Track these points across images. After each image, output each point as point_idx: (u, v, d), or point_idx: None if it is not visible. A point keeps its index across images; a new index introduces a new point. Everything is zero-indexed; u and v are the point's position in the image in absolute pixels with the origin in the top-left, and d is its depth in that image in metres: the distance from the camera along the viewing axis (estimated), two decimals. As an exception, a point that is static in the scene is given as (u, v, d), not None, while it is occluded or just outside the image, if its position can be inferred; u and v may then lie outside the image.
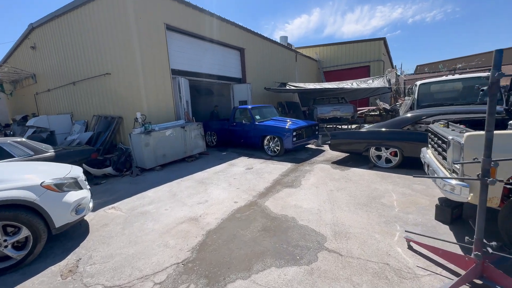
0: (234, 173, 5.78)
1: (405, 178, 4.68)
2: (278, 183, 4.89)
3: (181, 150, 6.96)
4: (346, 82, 10.73)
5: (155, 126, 6.61)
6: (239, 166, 6.40)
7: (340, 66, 19.56)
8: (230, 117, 8.52)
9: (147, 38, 7.06)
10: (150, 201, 4.30)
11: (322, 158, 6.75)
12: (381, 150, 5.50)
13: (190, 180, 5.37)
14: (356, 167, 5.62)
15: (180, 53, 8.47)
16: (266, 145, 7.52)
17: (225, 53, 10.67)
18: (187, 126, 7.08)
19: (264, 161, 6.76)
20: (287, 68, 15.42)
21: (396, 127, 5.30)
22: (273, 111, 8.97)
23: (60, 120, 9.97)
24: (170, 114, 7.81)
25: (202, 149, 7.63)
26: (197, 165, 6.68)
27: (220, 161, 6.98)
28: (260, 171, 5.82)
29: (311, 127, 7.72)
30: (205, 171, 6.04)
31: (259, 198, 4.12)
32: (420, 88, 7.24)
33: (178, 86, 8.10)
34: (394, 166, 5.32)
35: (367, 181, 4.67)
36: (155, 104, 7.31)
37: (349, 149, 6.04)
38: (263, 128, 7.48)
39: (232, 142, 8.63)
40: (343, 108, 9.74)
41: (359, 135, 5.76)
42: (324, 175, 5.19)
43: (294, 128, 6.91)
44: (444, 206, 2.90)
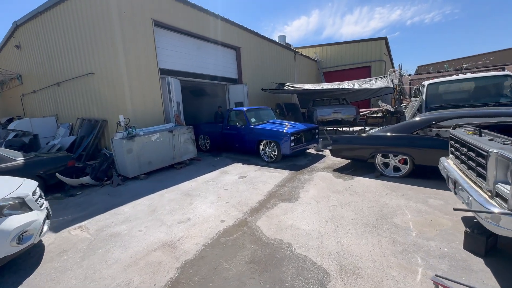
0: (225, 182, 5.20)
1: (417, 190, 4.11)
2: (274, 195, 4.31)
3: (169, 156, 6.38)
4: (347, 83, 10.18)
5: (139, 130, 6.04)
6: (231, 174, 5.83)
7: (340, 66, 19.04)
8: (224, 120, 7.95)
9: (132, 35, 6.50)
10: (125, 218, 3.72)
11: (323, 165, 6.18)
12: (389, 157, 4.93)
13: (176, 192, 4.80)
14: (361, 176, 5.05)
15: (170, 52, 7.91)
16: (262, 150, 6.95)
17: (220, 52, 10.12)
18: (176, 130, 6.51)
19: (260, 168, 6.19)
20: (286, 68, 14.88)
21: (406, 132, 4.73)
22: (270, 113, 8.41)
23: (44, 123, 9.40)
24: (159, 117, 7.25)
25: (193, 155, 7.05)
26: (186, 173, 6.11)
27: (211, 168, 6.40)
28: (254, 180, 5.24)
29: (311, 131, 7.16)
30: (193, 180, 5.47)
31: (251, 216, 3.55)
32: (429, 88, 6.68)
33: (168, 86, 7.54)
34: (403, 176, 4.75)
35: (375, 193, 4.09)
36: (141, 106, 6.74)
37: (352, 155, 5.47)
38: (258, 131, 6.92)
39: (226, 146, 8.06)
40: (345, 110, 9.19)
41: (364, 140, 5.20)
42: (325, 186, 4.61)
43: (292, 132, 6.34)
44: (477, 233, 2.33)
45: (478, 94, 6.42)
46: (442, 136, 5.41)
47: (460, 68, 10.26)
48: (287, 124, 7.08)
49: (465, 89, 6.74)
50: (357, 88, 9.67)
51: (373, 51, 17.74)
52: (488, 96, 6.24)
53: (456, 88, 6.72)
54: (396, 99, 11.93)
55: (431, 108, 6.51)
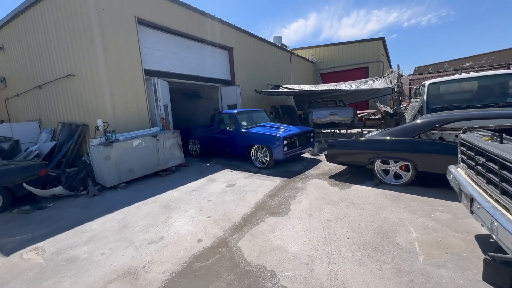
0: (211, 192, 4.75)
1: (422, 201, 3.68)
2: (262, 207, 3.86)
3: (153, 163, 5.93)
4: (345, 84, 9.80)
5: (120, 135, 5.59)
6: (219, 182, 5.38)
7: (337, 67, 18.70)
8: (214, 123, 7.52)
9: (113, 33, 6.08)
10: (90, 237, 3.26)
11: (318, 171, 5.74)
12: (389, 164, 4.51)
13: (155, 203, 4.34)
14: (359, 184, 4.62)
15: (156, 52, 7.50)
16: (253, 155, 6.51)
17: (211, 52, 9.73)
18: (160, 134, 6.07)
19: (250, 175, 5.75)
20: (281, 69, 14.51)
21: (407, 136, 4.31)
22: (263, 116, 7.99)
23: (26, 128, 8.92)
24: (144, 121, 6.81)
25: (180, 161, 6.60)
26: (170, 181, 5.65)
27: (199, 176, 5.95)
28: (243, 189, 4.80)
29: (305, 134, 6.73)
30: (177, 190, 5.01)
31: (233, 234, 3.10)
32: (430, 88, 6.28)
33: (154, 88, 7.11)
34: (405, 183, 4.32)
35: (374, 205, 3.66)
36: (124, 109, 6.30)
37: (349, 161, 5.04)
38: (249, 136, 6.48)
39: (216, 151, 7.62)
40: (342, 111, 8.79)
41: (362, 144, 4.77)
42: (319, 196, 4.17)
43: (285, 136, 5.91)
44: (499, 263, 1.89)
45: (483, 94, 6.02)
46: (446, 139, 5.00)
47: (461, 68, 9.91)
48: (280, 127, 6.66)
49: (469, 89, 6.35)
50: (354, 89, 9.29)
51: (370, 52, 17.42)
52: (493, 96, 5.84)
53: (458, 88, 6.33)
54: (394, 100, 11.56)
55: (432, 109, 6.11)
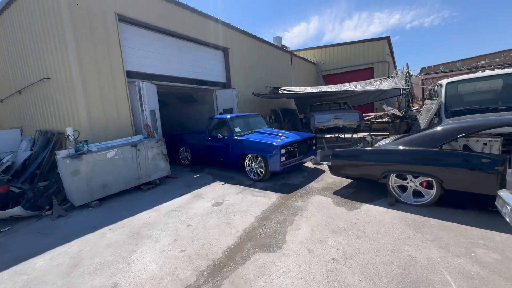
0: (194, 213, 4.02)
1: (454, 230, 2.89)
2: (251, 237, 3.11)
3: (133, 176, 5.23)
4: (349, 85, 9.05)
5: (93, 145, 4.91)
6: (205, 199, 4.65)
7: (340, 69, 17.97)
8: (205, 129, 6.81)
9: (88, 31, 5.44)
10: (24, 284, 2.54)
11: (321, 185, 4.98)
12: (406, 179, 3.73)
13: (124, 229, 3.62)
14: (370, 203, 3.84)
15: (142, 52, 6.85)
16: (247, 166, 5.78)
17: (205, 53, 9.08)
18: (141, 144, 5.37)
19: (243, 190, 5.00)
20: (281, 71, 13.81)
21: (428, 145, 3.54)
22: (260, 121, 7.27)
23: (6, 136, 8.31)
24: (125, 128, 6.12)
25: (165, 173, 5.89)
26: (151, 198, 4.94)
27: (184, 190, 5.23)
28: (231, 209, 4.05)
29: (306, 141, 5.98)
30: (155, 209, 4.29)
31: (207, 282, 2.35)
32: (448, 88, 5.51)
33: (139, 92, 6.45)
34: (427, 204, 3.54)
35: (392, 235, 2.88)
36: (101, 115, 5.63)
37: (357, 174, 4.27)
38: (243, 144, 5.76)
39: (208, 160, 6.90)
40: (346, 115, 8.02)
41: (372, 155, 4.00)
42: (322, 220, 3.41)
43: (282, 144, 5.17)
44: None
45: (510, 94, 5.24)
46: (473, 148, 4.21)
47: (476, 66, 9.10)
48: (279, 134, 5.92)
49: (493, 89, 5.56)
50: (360, 90, 8.53)
51: (375, 52, 16.67)
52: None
53: (482, 88, 5.54)
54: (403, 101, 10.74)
55: (452, 112, 5.33)
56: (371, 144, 4.67)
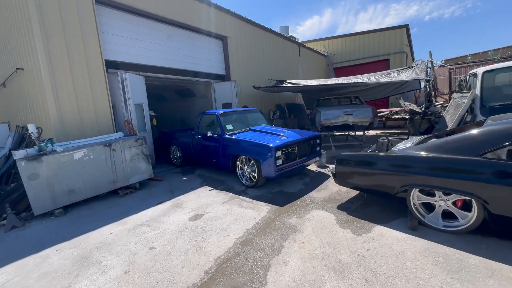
0: (165, 229, 3.30)
1: (509, 278, 2.00)
2: (222, 272, 2.35)
3: (106, 180, 4.58)
4: (361, 77, 8.03)
5: (59, 145, 4.28)
6: (184, 209, 3.93)
7: (353, 61, 16.71)
8: (195, 126, 6.08)
9: (56, 12, 4.76)
10: None
11: (323, 194, 4.14)
12: (434, 195, 2.83)
13: (74, 250, 2.95)
14: (384, 224, 2.99)
15: (126, 40, 6.15)
16: (239, 169, 5.01)
17: (201, 42, 8.29)
18: (117, 143, 4.70)
19: (230, 199, 4.25)
20: (288, 63, 12.84)
21: (468, 153, 2.62)
22: (258, 117, 6.45)
23: (-6, 131, 7.97)
24: (105, 125, 5.48)
25: (147, 175, 5.21)
26: (124, 206, 4.28)
27: (165, 197, 4.54)
28: (210, 226, 3.31)
29: (309, 142, 5.13)
30: (121, 222, 3.61)
31: None
32: (486, 78, 4.47)
33: (122, 84, 5.78)
34: (463, 231, 2.64)
35: (416, 281, 2.04)
36: (74, 110, 4.99)
37: (368, 186, 3.40)
38: (234, 144, 4.98)
39: (198, 161, 6.19)
40: (358, 111, 7.04)
41: (389, 162, 3.11)
42: (319, 249, 2.60)
43: (278, 145, 4.35)
44: None
45: None
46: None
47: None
48: (279, 133, 5.08)
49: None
50: (374, 82, 7.50)
51: (392, 42, 15.30)
52: None
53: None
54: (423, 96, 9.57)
55: (490, 108, 4.31)
56: (387, 147, 3.76)
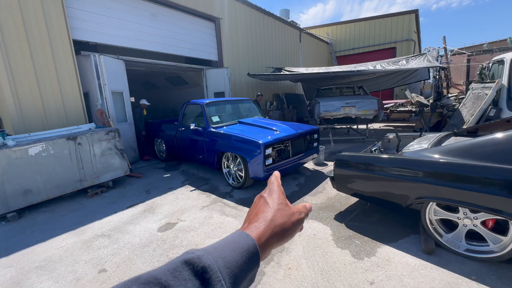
0: (126, 243, 2.75)
1: None
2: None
3: (72, 179, 4.00)
4: (366, 65, 7.29)
5: (11, 138, 3.67)
6: (157, 215, 3.37)
7: (357, 49, 15.80)
8: (179, 118, 5.45)
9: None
10: None
11: (320, 200, 3.56)
12: (457, 211, 2.24)
13: (8, 270, 2.41)
14: (391, 243, 2.41)
15: (101, 18, 5.42)
16: (226, 167, 4.42)
17: (190, 24, 7.51)
18: (84, 136, 4.08)
19: (212, 203, 3.68)
20: (288, 50, 12.01)
21: (500, 159, 2.00)
22: (251, 108, 5.81)
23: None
24: (74, 115, 4.85)
25: (122, 172, 4.63)
26: (90, 208, 3.72)
27: (138, 198, 3.97)
28: (181, 239, 2.75)
29: (306, 137, 4.50)
30: (78, 232, 3.06)
31: None
32: (515, 65, 3.77)
33: (96, 68, 5.10)
34: (494, 259, 2.06)
35: None
36: (36, 98, 4.34)
37: (373, 193, 2.80)
38: (218, 138, 4.36)
39: (182, 156, 5.60)
40: (362, 102, 6.36)
41: (400, 167, 2.50)
42: (309, 280, 2.03)
43: (268, 142, 3.73)
44: None
45: None
46: None
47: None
48: (271, 127, 4.44)
49: None
50: (380, 71, 6.78)
51: (399, 29, 14.35)
52: None
53: None
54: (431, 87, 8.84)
55: (519, 100, 3.64)
56: (397, 147, 3.12)
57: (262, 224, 0.39)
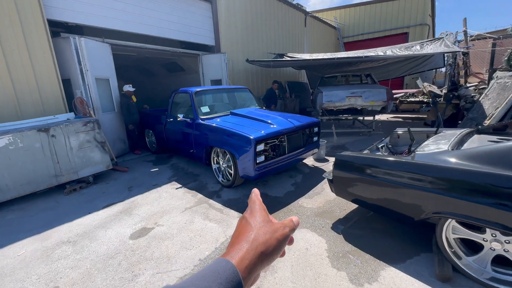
0: (90, 252, 2.41)
1: None
2: None
3: (46, 174, 3.67)
4: (376, 50, 6.64)
5: (-26, 129, 3.32)
6: (134, 217, 3.03)
7: (366, 34, 14.85)
8: (168, 107, 5.02)
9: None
10: None
11: (316, 203, 3.16)
12: (483, 231, 1.80)
13: (-49, 285, 2.10)
14: (397, 264, 2.00)
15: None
16: (215, 163, 4.02)
17: (184, 4, 6.92)
18: (58, 128, 3.71)
19: (197, 204, 3.32)
20: (291, 35, 11.28)
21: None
22: (247, 97, 5.33)
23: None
24: (52, 103, 4.45)
25: (104, 167, 4.28)
26: (64, 207, 3.40)
27: (117, 197, 3.63)
28: (152, 250, 2.39)
29: (304, 131, 4.04)
30: (44, 235, 2.74)
31: None
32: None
33: (76, 52, 4.66)
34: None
35: None
36: (6, 84, 3.93)
37: (377, 202, 2.36)
38: (206, 132, 3.94)
39: (172, 148, 5.21)
40: (369, 92, 5.78)
41: (413, 173, 2.04)
42: (295, 315, 1.65)
43: (260, 137, 3.29)
44: None
45: None
46: None
47: None
48: (266, 119, 3.97)
49: None
50: (391, 56, 6.14)
51: (413, 12, 13.33)
52: None
53: None
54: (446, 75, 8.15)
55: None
56: (408, 148, 2.62)
57: (244, 245, 0.36)
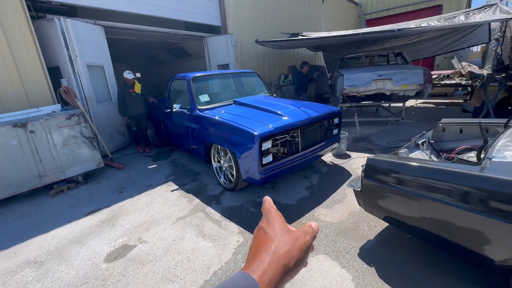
0: (54, 279, 1.96)
1: None
2: None
3: (27, 175, 3.27)
4: (408, 23, 5.57)
5: None
6: (116, 229, 2.55)
7: (392, 10, 13.26)
8: (166, 97, 4.44)
9: None
10: None
11: (337, 215, 2.50)
12: None
13: None
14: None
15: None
16: (215, 161, 3.44)
17: (186, -21, 6.16)
18: (38, 122, 3.26)
19: (192, 212, 2.79)
20: (307, 13, 10.17)
21: None
22: (254, 82, 4.66)
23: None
24: (36, 93, 4.00)
25: (94, 165, 3.85)
26: (45, 213, 3.01)
27: (104, 202, 3.19)
28: (126, 281, 1.89)
29: (323, 122, 3.33)
30: (11, 251, 2.34)
31: None
32: None
33: (63, 36, 4.15)
34: None
35: None
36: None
37: (428, 226, 1.67)
38: (204, 125, 3.33)
39: (172, 142, 4.70)
40: (401, 74, 4.79)
41: (487, 187, 1.32)
42: None
43: (267, 132, 2.63)
44: None
45: None
46: None
47: None
48: (276, 110, 3.29)
49: None
50: (430, 29, 5.08)
51: (448, -20, 11.59)
52: None
53: None
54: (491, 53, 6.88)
55: None
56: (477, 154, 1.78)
57: (265, 258, 0.34)
